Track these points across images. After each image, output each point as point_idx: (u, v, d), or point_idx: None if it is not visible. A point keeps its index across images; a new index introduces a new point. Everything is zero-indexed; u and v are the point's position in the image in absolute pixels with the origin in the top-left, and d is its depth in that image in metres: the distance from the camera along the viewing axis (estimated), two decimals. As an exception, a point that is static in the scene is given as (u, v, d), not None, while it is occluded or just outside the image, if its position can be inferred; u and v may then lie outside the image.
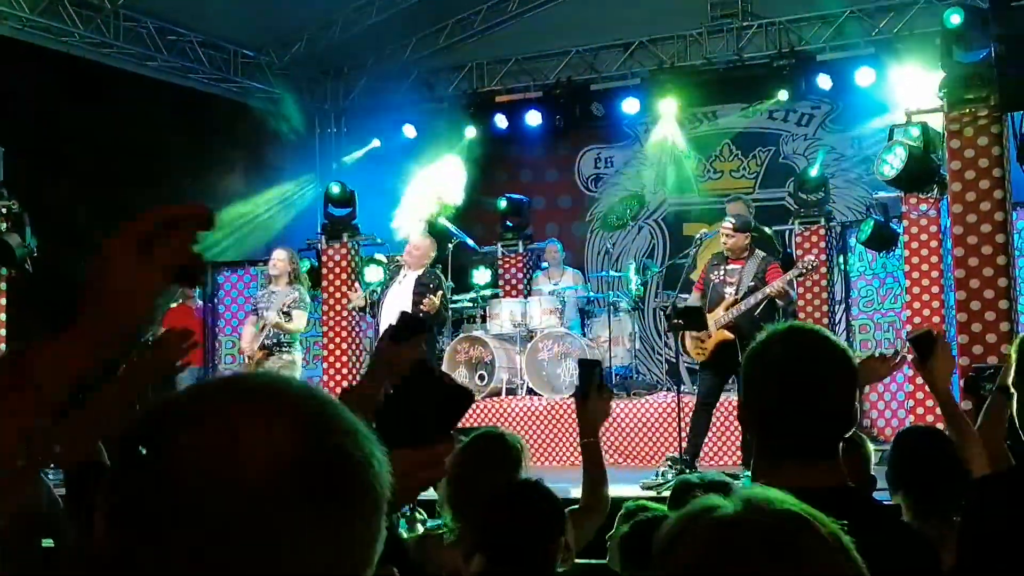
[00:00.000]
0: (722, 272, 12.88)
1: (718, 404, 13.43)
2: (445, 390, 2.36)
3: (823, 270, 16.02)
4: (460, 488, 5.39)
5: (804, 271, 13.14)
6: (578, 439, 13.35)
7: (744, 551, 1.80)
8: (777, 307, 12.73)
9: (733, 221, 13.14)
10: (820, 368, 3.23)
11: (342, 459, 1.56)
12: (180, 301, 17.02)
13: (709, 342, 12.66)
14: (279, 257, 14.73)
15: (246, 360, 14.47)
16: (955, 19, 12.27)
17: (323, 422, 1.58)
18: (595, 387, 5.60)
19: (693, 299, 13.30)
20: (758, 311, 12.52)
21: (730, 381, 13.41)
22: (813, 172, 16.82)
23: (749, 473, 9.58)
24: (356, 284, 16.33)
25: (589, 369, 5.73)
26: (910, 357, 5.52)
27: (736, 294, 12.66)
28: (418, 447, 2.27)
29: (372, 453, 1.60)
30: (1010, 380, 5.40)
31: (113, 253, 1.88)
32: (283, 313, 14.07)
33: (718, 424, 14.44)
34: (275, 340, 14.23)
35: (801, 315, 16.07)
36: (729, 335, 12.47)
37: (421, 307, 13.36)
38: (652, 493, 11.54)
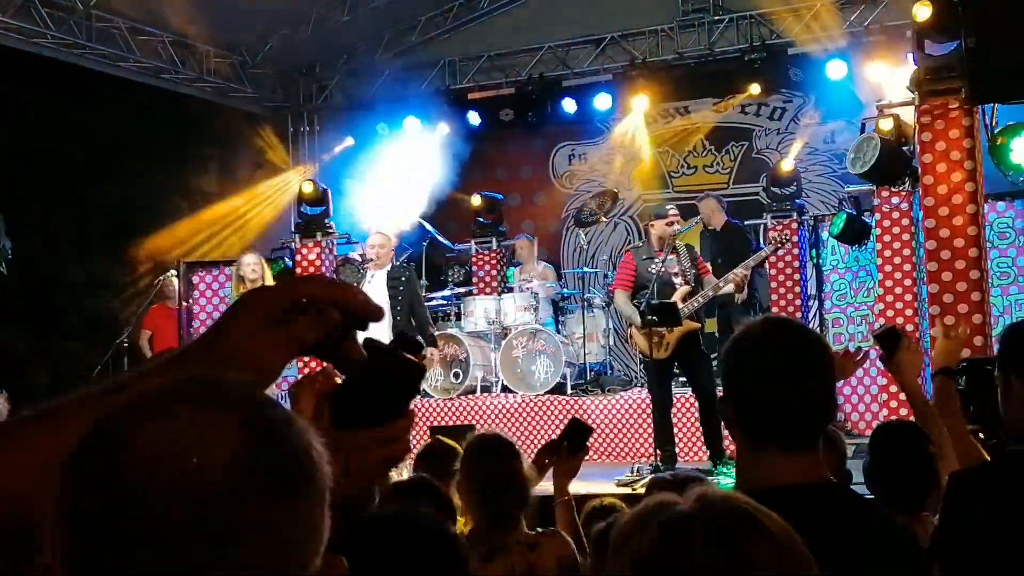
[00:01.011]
0: (659, 264, 12.62)
1: (686, 398, 13.42)
2: (397, 366, 2.34)
3: (796, 264, 16.06)
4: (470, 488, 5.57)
5: (778, 245, 13.17)
6: (552, 436, 13.31)
7: (693, 547, 1.83)
8: (721, 299, 12.72)
9: (674, 207, 13.11)
10: (799, 358, 3.24)
11: (286, 454, 1.56)
12: (159, 301, 16.95)
13: (670, 336, 12.43)
14: (253, 262, 14.71)
15: None
16: (923, 13, 12.28)
17: (265, 418, 1.57)
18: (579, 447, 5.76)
19: (623, 298, 12.95)
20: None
21: (676, 373, 13.40)
22: (786, 165, 16.86)
23: (723, 468, 9.60)
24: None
25: (582, 432, 5.85)
26: (874, 354, 5.56)
27: (688, 283, 12.58)
28: (374, 426, 2.27)
29: (311, 445, 1.60)
30: (952, 363, 5.44)
31: (246, 316, 1.83)
32: None
33: (689, 420, 14.42)
34: None
35: (774, 309, 16.12)
36: (694, 324, 12.44)
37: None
38: (627, 490, 11.55)
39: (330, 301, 1.87)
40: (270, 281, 15.14)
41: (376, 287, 14.03)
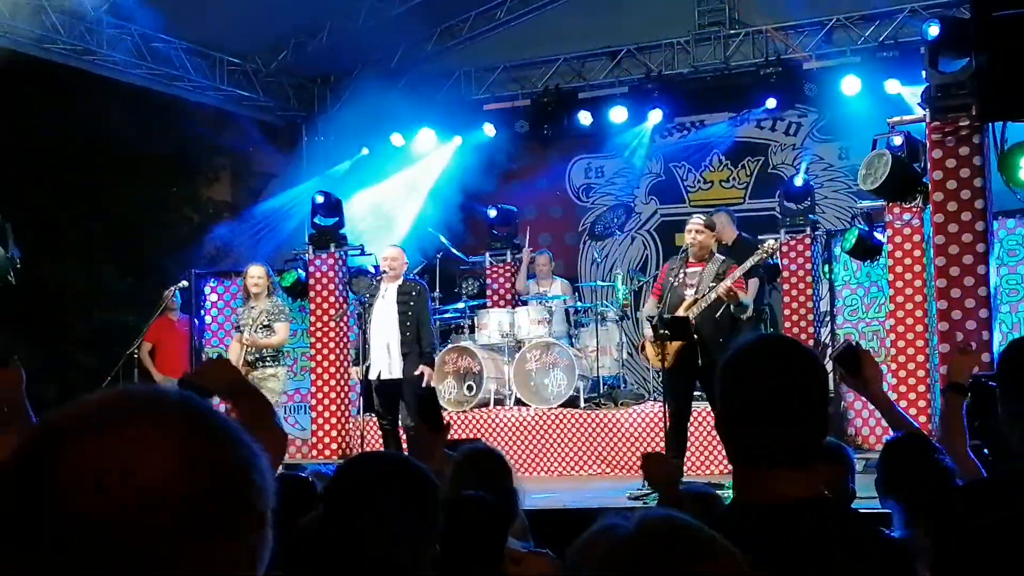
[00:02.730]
0: (682, 275, 12.77)
1: (695, 414, 13.41)
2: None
3: (808, 279, 16.05)
4: None
5: (766, 254, 13.15)
6: (565, 449, 13.25)
7: (636, 570, 1.89)
8: (737, 311, 12.68)
9: (703, 218, 13.14)
10: (792, 375, 3.23)
11: (224, 472, 1.56)
12: (162, 313, 16.92)
13: (670, 347, 12.46)
14: (258, 274, 14.65)
15: None
16: (933, 31, 12.32)
17: (205, 435, 1.57)
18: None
19: (650, 305, 13.22)
20: (718, 314, 12.48)
21: (696, 386, 13.41)
22: (798, 181, 16.87)
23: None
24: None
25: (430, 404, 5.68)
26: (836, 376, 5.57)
27: (696, 295, 12.61)
28: None
29: (252, 460, 1.61)
30: (963, 379, 5.43)
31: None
32: (263, 327, 14.04)
33: (702, 433, 14.45)
34: (258, 355, 14.23)
35: (786, 324, 16.11)
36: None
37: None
38: (639, 504, 11.55)
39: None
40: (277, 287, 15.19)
41: (387, 301, 14.05)
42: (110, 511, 1.47)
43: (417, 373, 13.67)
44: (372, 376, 13.98)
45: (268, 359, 14.45)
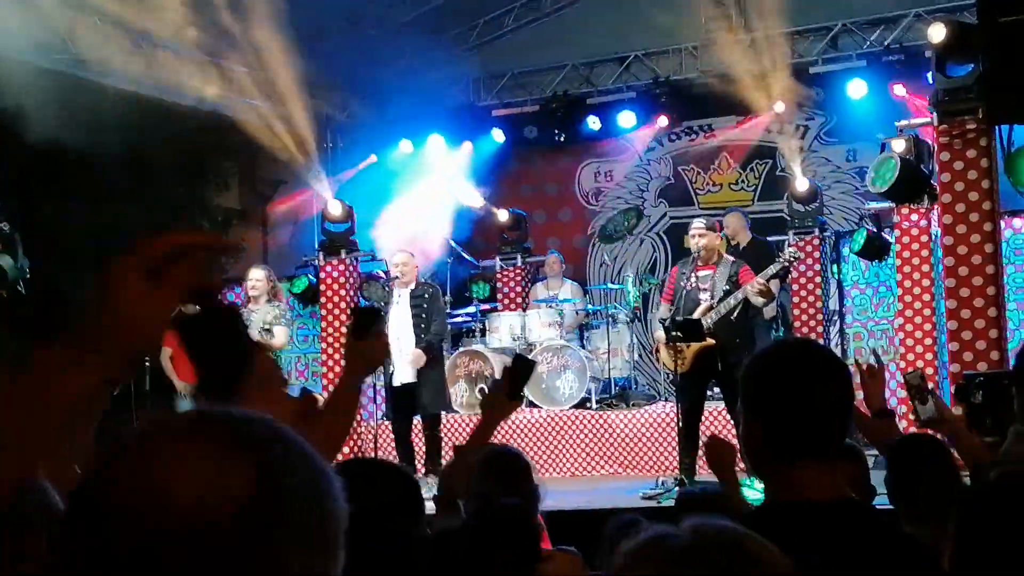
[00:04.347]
0: (694, 279, 12.89)
1: (707, 412, 13.51)
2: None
3: (817, 279, 16.16)
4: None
5: (787, 263, 13.25)
6: (577, 451, 13.34)
7: None
8: (751, 312, 12.78)
9: (703, 221, 13.25)
10: (817, 372, 3.38)
11: (298, 500, 1.56)
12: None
13: (688, 351, 12.59)
14: (258, 277, 14.65)
15: None
16: (937, 35, 12.44)
17: (281, 462, 1.58)
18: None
19: (663, 309, 13.34)
20: (734, 316, 12.59)
21: (712, 388, 13.53)
22: (801, 185, 16.90)
23: (748, 481, 9.72)
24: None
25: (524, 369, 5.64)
26: (893, 367, 5.66)
27: (711, 299, 12.71)
28: None
29: (329, 492, 1.62)
30: (882, 402, 5.49)
31: (121, 276, 1.83)
32: (264, 331, 14.08)
33: (716, 431, 14.55)
34: None
35: (796, 323, 16.20)
36: (710, 341, 12.53)
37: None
38: (653, 504, 11.67)
39: (196, 246, 1.90)
40: (281, 290, 15.24)
41: (402, 306, 14.11)
42: (174, 539, 1.49)
43: (410, 360, 13.75)
44: (396, 382, 14.04)
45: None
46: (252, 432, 1.60)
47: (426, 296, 14.15)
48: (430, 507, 5.17)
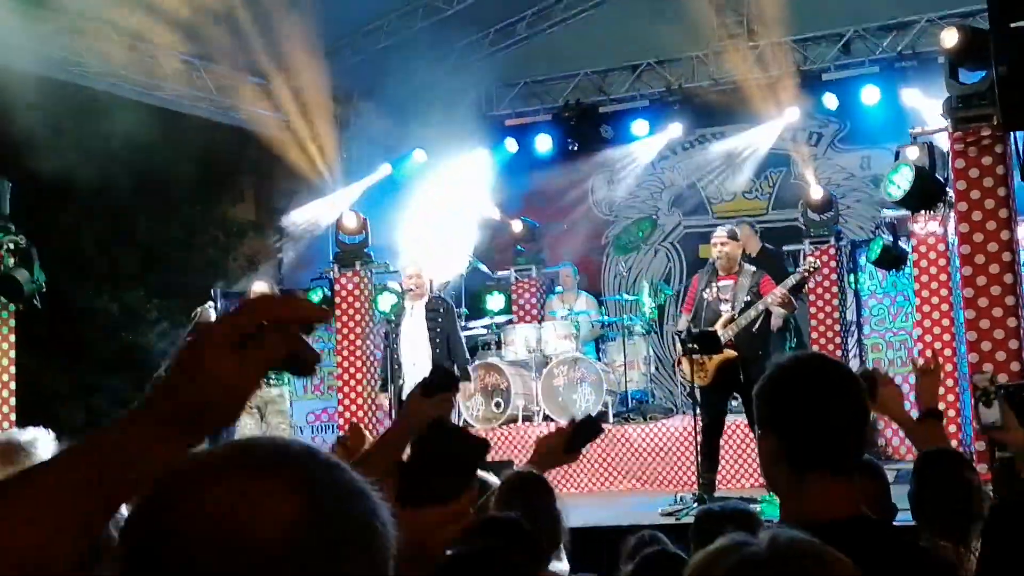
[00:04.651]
0: (715, 289, 12.82)
1: (728, 427, 13.43)
2: (461, 442, 2.43)
3: (834, 289, 16.08)
4: None
5: (806, 273, 13.18)
6: (595, 465, 13.23)
7: None
8: (772, 323, 12.71)
9: (726, 229, 13.17)
10: (832, 386, 3.35)
11: (344, 522, 1.58)
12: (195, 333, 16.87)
13: (709, 364, 12.51)
14: (260, 290, 14.67)
15: None
16: (950, 40, 12.35)
17: (325, 485, 1.59)
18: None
19: (682, 321, 13.27)
20: (756, 327, 12.52)
21: (734, 401, 13.45)
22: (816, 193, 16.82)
23: (768, 496, 9.61)
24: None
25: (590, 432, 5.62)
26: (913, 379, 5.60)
27: (732, 310, 12.63)
28: (442, 502, 2.32)
29: (375, 513, 1.62)
30: (934, 403, 5.44)
31: (209, 350, 1.80)
32: None
33: (733, 447, 14.49)
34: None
35: (813, 335, 16.13)
36: (731, 353, 12.45)
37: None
38: (671, 520, 11.58)
39: (287, 320, 1.84)
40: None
41: (416, 319, 14.09)
42: (231, 562, 1.50)
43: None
44: (406, 396, 13.97)
45: (272, 377, 14.49)
46: (295, 457, 1.63)
47: (441, 311, 14.14)
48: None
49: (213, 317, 16.96)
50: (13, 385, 14.79)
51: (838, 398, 3.32)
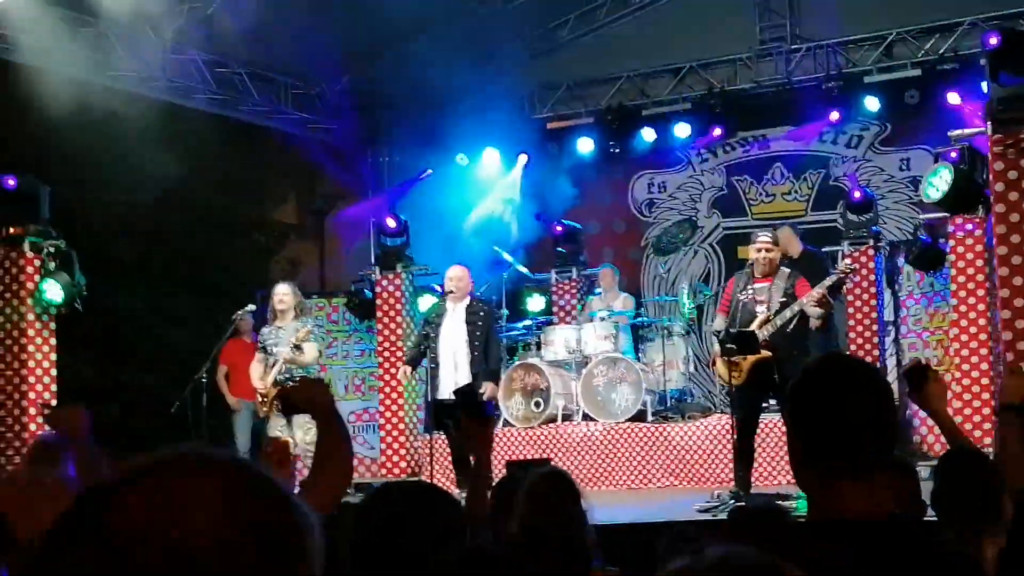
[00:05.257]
0: (750, 291, 12.79)
1: (763, 425, 13.46)
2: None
3: (872, 290, 16.08)
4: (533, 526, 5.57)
5: (843, 275, 13.19)
6: (633, 463, 13.36)
7: None
8: (809, 323, 12.72)
9: (770, 234, 13.18)
10: (845, 388, 3.35)
11: (270, 535, 1.58)
12: (236, 336, 17.00)
13: (744, 364, 12.50)
14: (284, 291, 14.67)
15: (259, 398, 14.49)
16: (993, 40, 12.36)
17: (253, 496, 1.60)
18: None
19: (718, 321, 13.30)
20: (791, 327, 12.51)
21: (769, 400, 13.49)
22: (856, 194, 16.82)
23: (803, 494, 9.65)
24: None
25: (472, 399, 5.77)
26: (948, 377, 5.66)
27: (768, 311, 12.65)
28: None
29: (301, 529, 1.63)
30: (1019, 400, 5.46)
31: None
32: (294, 347, 14.12)
33: (770, 445, 14.52)
34: (288, 375, 14.33)
35: (851, 335, 16.13)
36: (766, 353, 12.47)
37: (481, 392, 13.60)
38: (707, 516, 11.63)
39: None
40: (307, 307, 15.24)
41: (455, 320, 14.14)
42: (160, 559, 1.50)
43: (481, 391, 13.71)
44: (441, 396, 14.05)
45: (298, 380, 14.61)
46: (224, 467, 1.62)
47: (481, 314, 14.15)
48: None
49: (251, 321, 17.07)
50: (54, 387, 14.93)
51: (854, 395, 3.32)
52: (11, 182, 14.76)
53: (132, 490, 1.57)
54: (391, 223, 17.46)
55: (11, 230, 14.81)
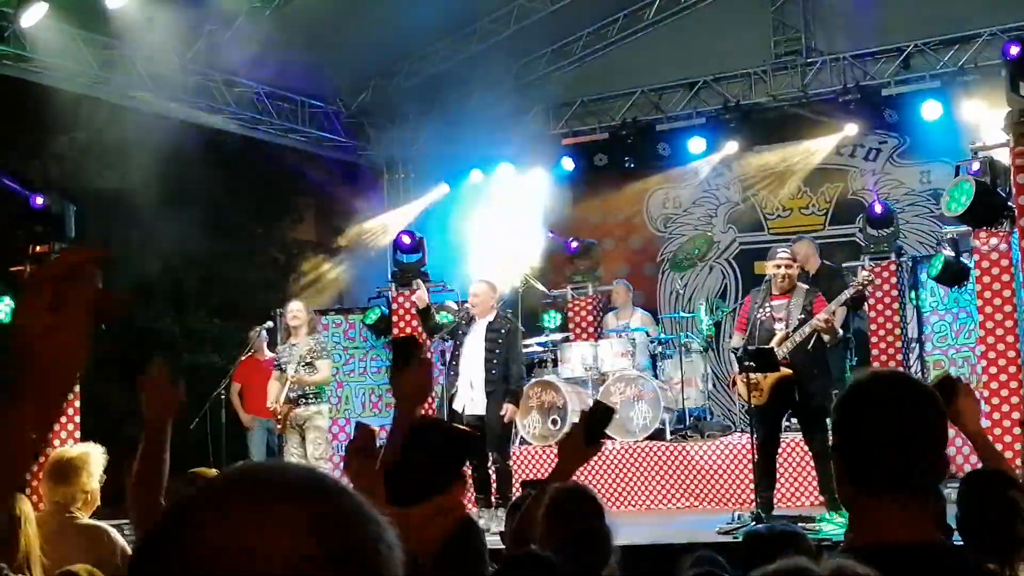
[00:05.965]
0: (768, 309, 12.70)
1: (785, 445, 13.34)
2: (446, 437, 2.42)
3: (895, 306, 15.93)
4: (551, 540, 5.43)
5: (860, 287, 13.08)
6: (652, 483, 13.12)
7: None
8: (827, 340, 12.61)
9: (789, 251, 13.10)
10: (893, 406, 3.25)
11: (352, 553, 1.53)
12: (250, 353, 16.92)
13: (765, 382, 12.36)
14: (297, 308, 14.75)
15: (276, 416, 14.52)
16: (1014, 51, 12.24)
17: (335, 514, 1.55)
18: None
19: (736, 339, 13.20)
20: (810, 345, 12.40)
21: (787, 418, 13.37)
22: (877, 208, 16.70)
23: (827, 515, 9.55)
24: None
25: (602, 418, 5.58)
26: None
27: (787, 328, 12.52)
28: (431, 498, 2.30)
29: (381, 539, 1.57)
30: None
31: (24, 318, 1.89)
32: (305, 364, 14.04)
33: (791, 465, 14.39)
34: (300, 392, 14.25)
35: (874, 351, 15.97)
36: (787, 371, 12.33)
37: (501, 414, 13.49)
38: (728, 538, 11.50)
39: (82, 263, 1.96)
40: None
41: (475, 336, 13.98)
42: None
43: (501, 413, 13.58)
44: (456, 407, 13.90)
45: (311, 396, 14.60)
46: (303, 485, 1.58)
47: (503, 331, 13.93)
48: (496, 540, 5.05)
49: (266, 338, 17.07)
50: (78, 403, 14.86)
51: (901, 414, 3.21)
52: (39, 200, 14.74)
53: (207, 513, 1.53)
54: (407, 240, 17.37)
55: (37, 248, 14.76)
